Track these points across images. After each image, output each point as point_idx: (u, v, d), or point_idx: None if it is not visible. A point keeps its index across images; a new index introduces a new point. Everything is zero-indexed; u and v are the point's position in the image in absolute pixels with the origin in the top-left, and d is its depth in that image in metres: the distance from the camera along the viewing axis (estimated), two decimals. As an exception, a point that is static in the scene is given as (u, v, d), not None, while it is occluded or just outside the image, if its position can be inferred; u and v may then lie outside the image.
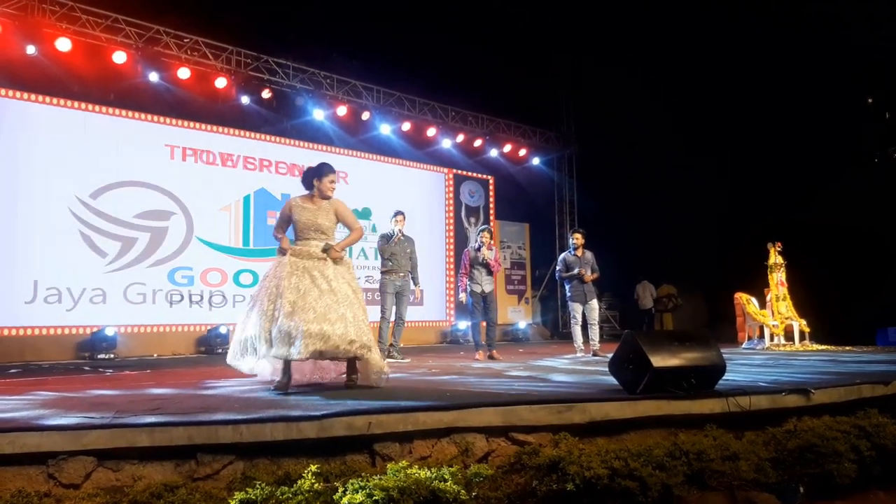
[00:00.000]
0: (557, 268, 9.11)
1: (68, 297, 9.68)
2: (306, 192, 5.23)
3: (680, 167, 14.81)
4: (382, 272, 8.30)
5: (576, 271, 8.77)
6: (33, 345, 9.30)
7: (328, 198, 5.18)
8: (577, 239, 8.93)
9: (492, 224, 15.06)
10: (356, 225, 5.28)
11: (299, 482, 2.95)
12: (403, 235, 8.29)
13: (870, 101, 13.54)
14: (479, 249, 8.35)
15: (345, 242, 5.16)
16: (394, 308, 8.27)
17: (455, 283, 14.12)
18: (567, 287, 8.97)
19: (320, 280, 4.79)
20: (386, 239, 8.27)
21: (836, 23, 12.24)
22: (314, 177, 5.19)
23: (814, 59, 12.82)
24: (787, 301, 10.29)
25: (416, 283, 8.39)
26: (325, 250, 4.96)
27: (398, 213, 8.39)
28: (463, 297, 8.42)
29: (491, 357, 8.33)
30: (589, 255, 8.92)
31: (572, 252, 8.94)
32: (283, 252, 4.96)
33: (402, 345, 8.53)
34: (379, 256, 8.54)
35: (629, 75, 14.52)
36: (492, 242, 8.47)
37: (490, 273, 8.37)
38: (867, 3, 11.99)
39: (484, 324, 8.58)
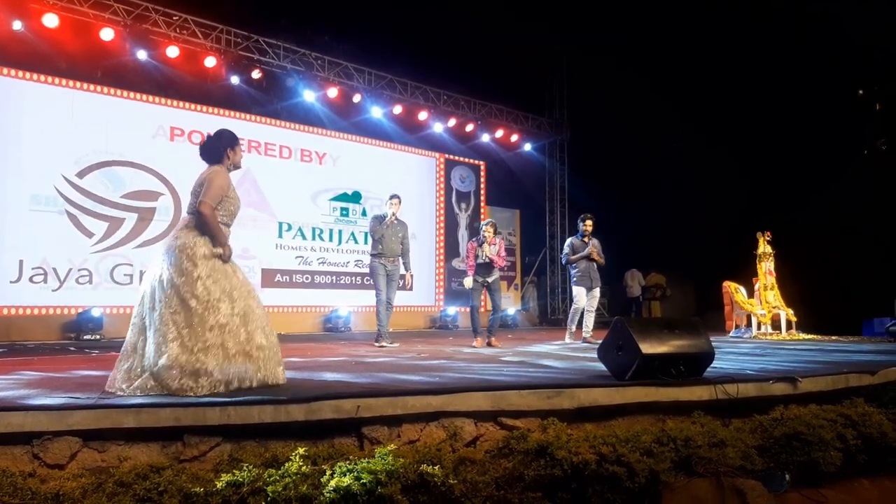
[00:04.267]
0: (565, 251, 9.01)
1: (54, 277, 9.60)
2: (216, 166, 4.23)
3: (671, 156, 14.84)
4: (372, 255, 8.14)
5: (586, 251, 8.72)
6: (19, 325, 9.23)
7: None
8: (588, 225, 8.88)
9: (482, 209, 15.06)
10: None
11: (286, 465, 2.93)
12: (397, 219, 8.14)
13: (860, 92, 13.57)
14: (481, 244, 8.18)
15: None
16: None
17: (445, 269, 14.12)
18: (572, 272, 8.93)
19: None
20: (378, 220, 8.13)
21: (829, 16, 12.24)
22: (227, 146, 4.28)
23: (806, 50, 12.83)
24: (775, 290, 10.33)
25: (406, 269, 8.25)
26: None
27: (394, 196, 8.20)
28: (468, 282, 8.25)
29: (489, 344, 8.16)
30: (596, 241, 8.90)
31: (580, 237, 8.91)
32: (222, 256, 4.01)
33: (390, 329, 8.43)
34: (369, 239, 8.40)
35: (622, 62, 14.49)
36: (495, 238, 8.26)
37: (494, 266, 8.28)
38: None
39: (484, 309, 8.52)
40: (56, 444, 3.11)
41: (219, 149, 4.28)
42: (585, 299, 8.78)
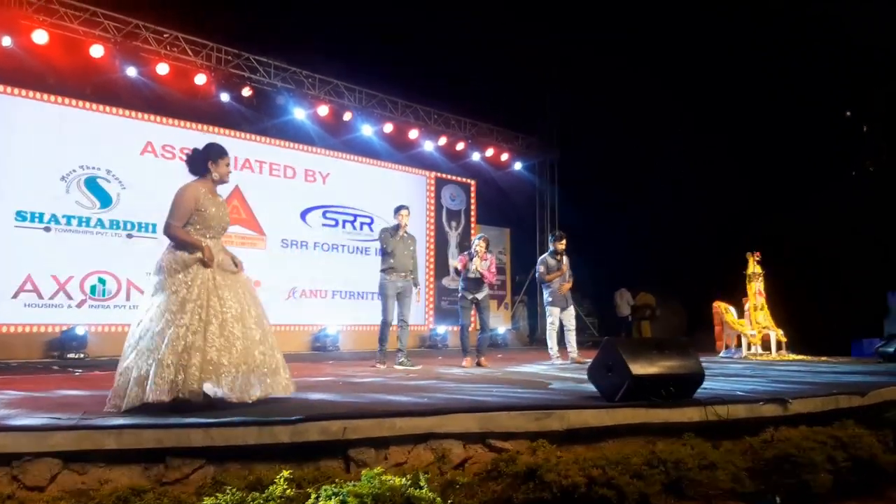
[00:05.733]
0: (539, 269, 8.97)
1: (38, 294, 9.49)
2: (197, 178, 4.28)
3: (661, 176, 14.91)
4: (382, 271, 7.77)
5: (563, 282, 8.69)
6: (1, 343, 9.10)
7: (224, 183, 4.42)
8: (562, 243, 8.86)
9: (472, 228, 15.05)
10: None
11: (271, 488, 2.88)
12: (407, 232, 7.87)
13: (848, 114, 13.72)
14: (472, 259, 8.11)
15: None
16: (395, 311, 7.82)
17: (435, 288, 14.08)
18: (546, 291, 8.89)
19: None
20: (390, 233, 7.78)
21: (817, 35, 12.39)
22: (211, 159, 4.28)
23: (794, 71, 12.97)
24: (765, 311, 10.34)
25: (415, 285, 7.98)
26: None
27: (403, 207, 7.91)
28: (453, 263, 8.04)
29: (479, 364, 8.05)
30: (566, 260, 8.88)
31: (553, 255, 8.88)
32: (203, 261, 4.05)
33: (388, 350, 8.00)
34: (380, 252, 8.00)
35: (613, 82, 14.60)
36: (486, 253, 8.20)
37: (484, 282, 8.21)
38: (850, 13, 12.13)
39: (473, 329, 8.46)
40: (36, 465, 3.05)
41: (201, 161, 4.29)
42: (558, 320, 8.74)
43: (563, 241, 8.85)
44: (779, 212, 13.08)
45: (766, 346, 10.18)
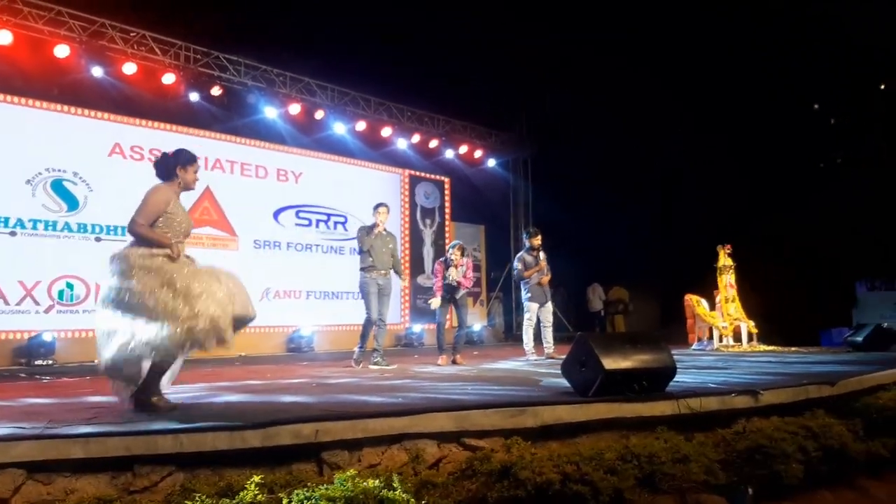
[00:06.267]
0: (517, 267, 8.98)
1: (3, 300, 9.28)
2: (164, 182, 4.29)
3: (633, 171, 15.03)
4: (362, 269, 7.68)
5: (542, 275, 8.72)
6: (-33, 350, 8.91)
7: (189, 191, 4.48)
8: (536, 239, 8.89)
9: (447, 225, 15.04)
10: None
11: (241, 494, 2.84)
12: (386, 230, 7.82)
13: (816, 107, 13.93)
14: (448, 268, 8.09)
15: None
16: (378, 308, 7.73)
17: (410, 286, 14.03)
18: (524, 288, 8.92)
19: None
20: (366, 231, 7.72)
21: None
22: (180, 164, 4.30)
23: (764, 64, 13.13)
24: (736, 303, 10.47)
25: (397, 273, 7.93)
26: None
27: (381, 204, 7.84)
28: (436, 302, 8.15)
29: (454, 362, 8.05)
30: (543, 255, 8.92)
31: (529, 251, 8.91)
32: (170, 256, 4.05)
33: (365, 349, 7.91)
34: (358, 252, 7.91)
35: (585, 79, 14.67)
36: (463, 260, 8.18)
37: (460, 287, 8.20)
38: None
39: (449, 325, 8.42)
40: (-1, 476, 2.96)
41: (170, 166, 4.29)
42: (535, 317, 8.78)
43: (538, 237, 8.89)
44: (750, 204, 13.26)
45: (737, 337, 10.31)
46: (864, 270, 14.08)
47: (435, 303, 8.16)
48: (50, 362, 8.99)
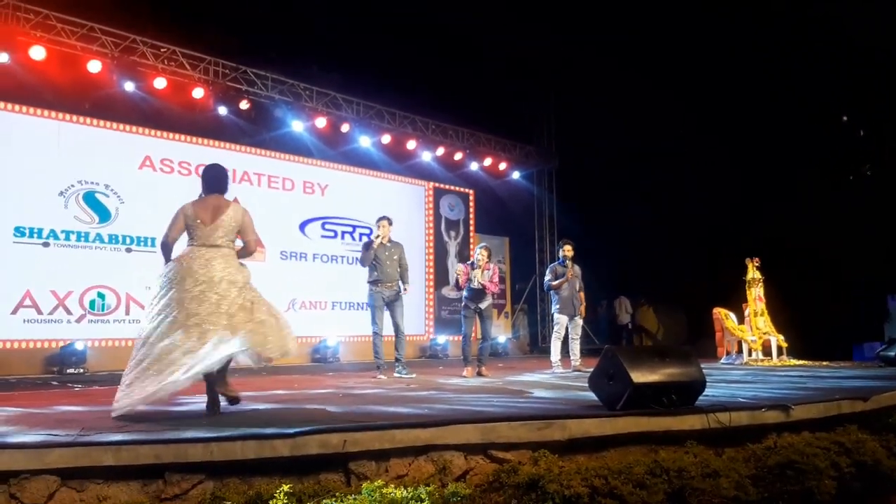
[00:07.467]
0: (546, 278, 8.94)
1: (37, 309, 9.47)
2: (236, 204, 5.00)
3: (660, 183, 14.91)
4: (369, 283, 7.86)
5: (568, 276, 8.67)
6: (0, 359, 9.06)
7: None
8: (567, 250, 8.83)
9: (471, 237, 15.05)
10: None
11: (271, 503, 2.85)
12: (390, 241, 7.92)
13: (845, 118, 13.74)
14: (474, 269, 8.02)
15: None
16: (383, 321, 7.84)
17: (434, 298, 14.05)
18: (554, 299, 8.88)
19: None
20: (366, 246, 7.91)
21: (818, 36, 12.42)
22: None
23: (792, 76, 12.99)
24: (765, 316, 10.33)
25: (404, 281, 8.00)
26: None
27: (382, 218, 7.99)
28: (448, 290, 8.04)
29: (479, 374, 8.01)
30: (577, 268, 8.87)
31: (561, 263, 8.87)
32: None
33: (385, 360, 7.94)
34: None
35: (611, 90, 14.62)
36: (488, 263, 8.13)
37: (486, 292, 8.14)
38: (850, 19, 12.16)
39: (474, 338, 8.40)
40: (34, 483, 3.01)
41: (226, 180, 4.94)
42: (564, 329, 8.72)
43: (568, 247, 8.84)
44: (778, 217, 13.08)
45: (766, 351, 10.16)
46: (897, 284, 13.83)
47: (448, 291, 8.10)
48: (81, 371, 9.15)
